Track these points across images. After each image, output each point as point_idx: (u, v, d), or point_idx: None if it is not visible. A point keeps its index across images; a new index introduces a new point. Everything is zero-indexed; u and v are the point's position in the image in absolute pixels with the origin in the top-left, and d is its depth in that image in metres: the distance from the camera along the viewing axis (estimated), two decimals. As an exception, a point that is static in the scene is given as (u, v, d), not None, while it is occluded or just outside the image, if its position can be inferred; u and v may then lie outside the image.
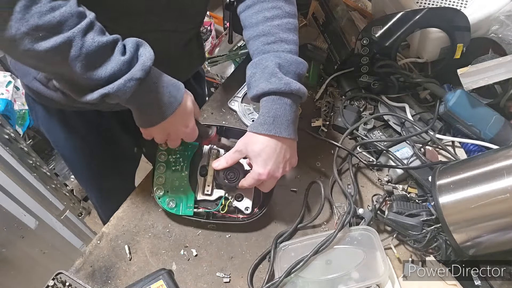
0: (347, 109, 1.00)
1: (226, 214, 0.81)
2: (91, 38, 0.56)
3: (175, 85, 0.67)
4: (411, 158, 0.89)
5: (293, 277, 0.75)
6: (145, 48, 0.62)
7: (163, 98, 0.64)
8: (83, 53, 0.56)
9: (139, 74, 0.59)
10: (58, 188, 1.62)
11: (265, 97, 0.72)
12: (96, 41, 0.57)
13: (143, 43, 0.63)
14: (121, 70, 0.58)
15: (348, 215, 0.80)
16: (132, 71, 0.59)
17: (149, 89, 0.63)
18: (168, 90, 0.65)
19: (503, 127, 0.89)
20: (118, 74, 0.59)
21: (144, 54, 0.61)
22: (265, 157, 0.72)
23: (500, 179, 0.67)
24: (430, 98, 1.02)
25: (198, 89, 1.14)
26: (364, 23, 1.12)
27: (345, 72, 1.05)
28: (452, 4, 0.94)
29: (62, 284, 0.73)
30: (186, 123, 0.70)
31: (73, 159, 1.07)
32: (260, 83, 0.71)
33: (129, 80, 0.59)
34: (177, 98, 0.66)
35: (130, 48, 0.60)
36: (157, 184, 0.82)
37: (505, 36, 0.90)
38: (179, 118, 0.68)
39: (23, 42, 0.53)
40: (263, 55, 0.74)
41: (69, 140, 0.98)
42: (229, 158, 0.76)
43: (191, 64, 1.00)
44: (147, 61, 0.60)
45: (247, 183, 0.75)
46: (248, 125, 0.96)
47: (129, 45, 0.61)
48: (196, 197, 0.81)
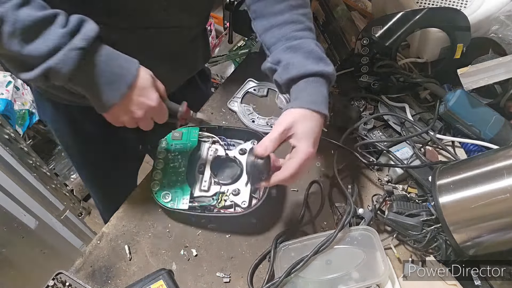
0: (347, 109, 1.00)
1: (222, 209, 0.81)
2: (26, 13, 0.54)
3: (127, 59, 0.63)
4: (411, 158, 0.89)
5: (293, 277, 0.75)
6: (89, 22, 0.59)
7: (114, 70, 0.61)
8: (18, 28, 0.54)
9: (81, 44, 0.56)
10: (58, 188, 1.62)
11: (311, 77, 0.72)
12: (32, 15, 0.54)
13: (88, 19, 0.59)
14: (61, 42, 0.55)
15: (348, 215, 0.80)
16: (73, 41, 0.56)
17: (95, 62, 0.59)
18: (118, 63, 0.61)
19: (503, 127, 0.89)
20: (58, 46, 0.56)
21: (86, 27, 0.58)
22: (314, 135, 0.70)
23: (500, 179, 0.67)
24: (430, 98, 1.02)
25: (203, 88, 1.14)
26: (364, 23, 1.12)
27: (345, 72, 1.05)
28: (452, 4, 0.94)
29: (62, 284, 0.73)
30: (147, 95, 0.64)
31: (78, 154, 1.08)
32: (307, 64, 0.72)
33: (70, 50, 0.56)
34: (130, 70, 0.62)
35: (72, 21, 0.57)
36: (154, 179, 0.83)
37: (505, 36, 0.90)
38: (137, 92, 0.63)
39: None
40: (302, 40, 0.75)
41: (75, 135, 0.99)
42: (275, 139, 0.68)
43: (196, 61, 1.00)
44: (89, 32, 0.57)
45: (296, 165, 0.68)
46: (247, 125, 0.97)
47: (71, 19, 0.58)
48: (192, 192, 0.81)
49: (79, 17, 0.59)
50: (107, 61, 0.60)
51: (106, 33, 0.63)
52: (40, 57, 0.56)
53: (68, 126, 0.96)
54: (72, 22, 0.57)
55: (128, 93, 0.62)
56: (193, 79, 1.06)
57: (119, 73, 0.61)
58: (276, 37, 0.77)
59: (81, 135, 0.98)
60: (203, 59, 1.03)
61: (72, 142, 1.03)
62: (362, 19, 1.16)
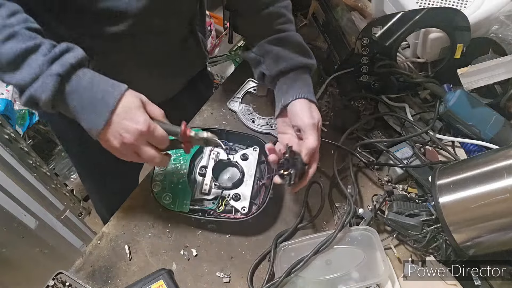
0: (347, 109, 1.00)
1: (222, 213, 0.81)
2: (9, 46, 0.56)
3: (114, 84, 0.61)
4: (411, 158, 0.89)
5: (293, 277, 0.75)
6: (74, 50, 0.59)
7: (95, 96, 0.59)
8: (3, 61, 0.56)
9: (57, 70, 0.56)
10: (58, 188, 1.62)
11: (300, 69, 0.78)
12: (16, 48, 0.56)
13: (74, 47, 0.60)
14: (41, 70, 0.56)
15: (348, 215, 0.80)
16: (51, 67, 0.56)
17: (75, 88, 0.58)
18: (101, 88, 0.59)
19: (503, 127, 0.89)
20: (39, 74, 0.56)
21: (69, 54, 0.58)
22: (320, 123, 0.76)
23: (500, 179, 0.67)
24: (430, 98, 1.01)
25: (205, 93, 1.13)
26: (364, 23, 1.12)
27: (345, 72, 1.05)
28: (452, 4, 0.94)
29: (62, 284, 0.73)
30: (132, 118, 0.60)
31: (80, 155, 1.07)
32: (295, 57, 0.78)
33: (47, 76, 0.56)
34: (113, 94, 0.59)
35: (56, 49, 0.58)
36: (155, 180, 0.83)
37: (505, 36, 0.90)
38: (121, 115, 0.59)
39: None
40: (287, 33, 0.79)
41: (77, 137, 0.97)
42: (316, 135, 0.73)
43: (191, 64, 0.99)
44: (69, 59, 0.58)
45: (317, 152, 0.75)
46: (247, 126, 0.97)
47: (56, 48, 0.58)
48: (193, 195, 0.81)
49: (65, 45, 0.59)
50: (89, 87, 0.59)
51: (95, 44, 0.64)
52: (25, 85, 0.57)
53: (70, 129, 0.95)
54: (55, 50, 0.58)
55: (112, 117, 0.59)
56: (193, 83, 1.05)
57: (101, 98, 0.59)
58: (262, 30, 0.80)
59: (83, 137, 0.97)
60: (199, 60, 1.00)
61: (74, 144, 1.02)
62: (362, 19, 1.16)
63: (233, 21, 0.87)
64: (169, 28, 0.81)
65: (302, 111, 0.75)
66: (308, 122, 0.73)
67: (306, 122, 0.73)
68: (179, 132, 0.64)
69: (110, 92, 0.59)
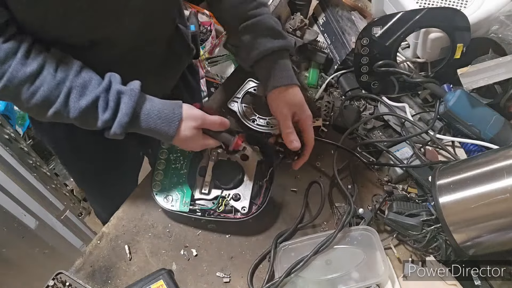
0: (347, 109, 1.00)
1: (222, 213, 0.81)
2: (72, 105, 0.64)
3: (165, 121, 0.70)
4: (411, 158, 0.89)
5: (293, 277, 0.75)
6: (124, 99, 0.67)
7: (155, 135, 0.71)
8: (72, 118, 0.65)
9: (118, 131, 0.67)
10: (58, 188, 1.62)
11: (275, 53, 0.78)
12: (77, 107, 0.65)
13: (124, 92, 0.67)
14: (106, 125, 0.67)
15: (348, 215, 0.80)
16: (113, 129, 0.67)
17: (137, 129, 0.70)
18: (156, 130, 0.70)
19: (503, 127, 0.89)
20: (106, 127, 0.68)
21: (122, 109, 0.67)
22: (305, 103, 0.79)
23: (500, 179, 0.67)
24: (430, 98, 1.01)
25: (194, 83, 1.13)
26: (364, 23, 1.12)
27: (345, 72, 1.05)
28: (452, 4, 0.94)
29: (62, 284, 0.73)
30: (188, 146, 0.75)
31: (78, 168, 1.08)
32: (267, 42, 0.78)
33: (114, 135, 0.68)
34: (167, 135, 0.71)
35: (111, 103, 0.66)
36: (155, 179, 0.83)
37: (505, 36, 0.90)
38: (179, 143, 0.74)
39: (31, 114, 0.71)
40: (259, 17, 0.79)
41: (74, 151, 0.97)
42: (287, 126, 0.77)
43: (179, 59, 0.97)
44: (123, 118, 0.66)
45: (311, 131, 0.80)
46: (248, 126, 0.97)
47: (111, 98, 0.66)
48: (193, 195, 0.81)
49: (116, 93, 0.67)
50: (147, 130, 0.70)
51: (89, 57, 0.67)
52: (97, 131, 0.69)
53: (66, 143, 0.95)
54: (110, 105, 0.66)
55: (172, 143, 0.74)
56: (183, 75, 1.05)
57: (159, 136, 0.72)
58: (232, 17, 0.80)
59: (80, 150, 0.96)
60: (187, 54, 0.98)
61: (71, 158, 1.02)
62: (362, 19, 1.16)
63: (212, 11, 0.88)
64: (156, 38, 0.81)
65: (274, 103, 0.79)
66: (278, 113, 0.78)
67: (277, 114, 0.79)
68: (232, 142, 0.77)
69: (166, 133, 0.71)
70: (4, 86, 0.61)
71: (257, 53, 0.78)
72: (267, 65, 0.79)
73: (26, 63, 0.62)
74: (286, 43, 0.80)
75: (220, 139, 0.77)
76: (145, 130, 0.70)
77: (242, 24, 0.79)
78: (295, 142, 0.77)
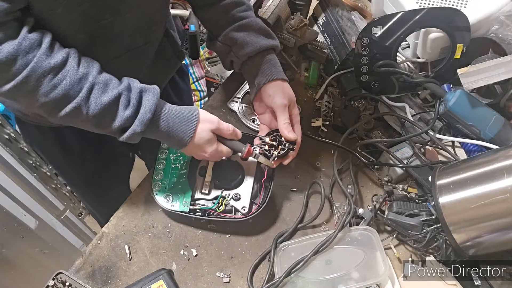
0: (347, 109, 1.00)
1: (222, 213, 0.81)
2: (94, 101, 0.64)
3: (183, 123, 0.71)
4: (411, 158, 0.89)
5: (293, 277, 0.75)
6: (147, 96, 0.68)
7: (171, 138, 0.72)
8: (90, 115, 0.64)
9: (139, 129, 0.67)
10: (58, 188, 1.62)
11: (265, 52, 0.82)
12: (99, 103, 0.64)
13: (146, 90, 0.68)
14: (125, 123, 0.66)
15: (348, 215, 0.80)
16: (133, 127, 0.67)
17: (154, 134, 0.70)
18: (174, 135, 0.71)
19: (503, 127, 0.89)
20: (124, 127, 0.67)
21: (144, 106, 0.67)
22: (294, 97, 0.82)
23: (500, 179, 0.67)
24: (430, 98, 1.01)
25: (183, 85, 1.14)
26: (364, 23, 1.12)
27: (345, 72, 1.05)
28: (452, 4, 0.94)
29: (62, 284, 0.73)
30: (203, 150, 0.74)
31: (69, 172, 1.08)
32: (260, 40, 0.81)
33: (132, 135, 0.67)
34: (182, 141, 0.72)
35: (133, 100, 0.66)
36: (155, 179, 0.83)
37: (505, 36, 0.90)
38: (194, 149, 0.74)
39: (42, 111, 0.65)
40: (249, 19, 0.83)
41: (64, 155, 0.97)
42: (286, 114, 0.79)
43: (168, 65, 0.99)
44: (146, 114, 0.66)
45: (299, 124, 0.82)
46: (247, 126, 0.97)
47: (133, 95, 0.66)
48: (193, 195, 0.81)
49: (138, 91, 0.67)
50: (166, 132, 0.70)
51: None
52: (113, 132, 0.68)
53: (56, 148, 0.95)
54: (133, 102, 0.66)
55: (187, 148, 0.74)
56: (172, 80, 1.06)
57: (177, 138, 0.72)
58: (224, 19, 0.83)
59: (70, 154, 0.97)
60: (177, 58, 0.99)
61: (62, 162, 1.02)
62: (362, 19, 1.16)
63: (197, 14, 0.89)
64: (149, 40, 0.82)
65: (276, 92, 0.80)
66: (279, 103, 0.79)
67: (279, 102, 0.79)
68: (243, 151, 0.77)
69: (184, 133, 0.71)
70: (26, 77, 0.59)
71: (251, 49, 0.81)
72: (262, 60, 0.81)
73: (51, 55, 0.61)
74: (276, 43, 0.84)
75: (232, 146, 0.77)
76: (163, 132, 0.70)
77: (234, 24, 0.82)
78: (292, 132, 0.78)
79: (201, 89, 2.12)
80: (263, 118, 0.86)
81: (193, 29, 1.74)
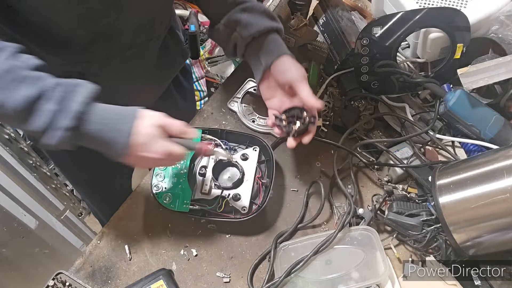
0: (347, 109, 1.00)
1: (222, 213, 0.81)
2: (17, 93, 0.56)
3: (122, 116, 0.62)
4: (411, 158, 0.89)
5: (293, 277, 0.75)
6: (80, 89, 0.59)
7: (107, 136, 0.61)
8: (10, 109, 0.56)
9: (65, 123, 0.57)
10: (58, 188, 1.62)
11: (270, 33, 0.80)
12: (22, 95, 0.56)
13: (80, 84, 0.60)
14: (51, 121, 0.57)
15: (348, 215, 0.80)
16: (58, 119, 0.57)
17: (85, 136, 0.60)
18: (110, 128, 0.61)
19: (503, 127, 0.89)
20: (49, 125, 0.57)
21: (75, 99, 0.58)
22: None
23: (500, 179, 0.67)
24: (430, 98, 1.02)
25: (186, 85, 1.14)
26: (364, 23, 1.12)
27: (345, 72, 1.05)
28: (452, 4, 0.94)
29: (62, 284, 0.73)
30: (149, 150, 0.63)
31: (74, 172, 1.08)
32: (265, 22, 0.80)
33: (56, 130, 0.58)
34: (122, 132, 0.61)
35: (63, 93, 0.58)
36: (156, 180, 0.83)
37: (505, 36, 0.90)
38: (137, 149, 0.62)
39: None
40: (251, 2, 0.81)
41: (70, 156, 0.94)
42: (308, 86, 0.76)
43: (173, 63, 0.98)
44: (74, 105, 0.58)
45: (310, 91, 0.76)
46: (247, 126, 0.97)
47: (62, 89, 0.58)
48: (193, 195, 0.82)
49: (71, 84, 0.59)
50: (98, 130, 0.60)
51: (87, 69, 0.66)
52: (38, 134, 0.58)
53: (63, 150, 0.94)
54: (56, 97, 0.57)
55: (129, 151, 0.62)
56: (176, 78, 1.06)
57: (112, 138, 0.61)
58: (226, 4, 0.81)
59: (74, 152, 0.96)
60: (180, 57, 0.99)
61: (68, 163, 1.03)
62: (362, 19, 1.16)
63: (198, 3, 0.89)
64: (151, 38, 0.82)
65: (290, 66, 0.77)
66: (299, 73, 0.76)
67: (297, 74, 0.76)
68: (195, 148, 0.71)
69: (119, 130, 0.61)
70: None
71: (256, 29, 0.79)
72: (267, 40, 0.80)
73: None
74: (281, 26, 0.82)
75: (183, 144, 0.68)
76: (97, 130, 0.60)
77: (236, 7, 0.81)
78: (320, 100, 0.76)
79: (201, 89, 2.12)
80: (272, 103, 0.83)
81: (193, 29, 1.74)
